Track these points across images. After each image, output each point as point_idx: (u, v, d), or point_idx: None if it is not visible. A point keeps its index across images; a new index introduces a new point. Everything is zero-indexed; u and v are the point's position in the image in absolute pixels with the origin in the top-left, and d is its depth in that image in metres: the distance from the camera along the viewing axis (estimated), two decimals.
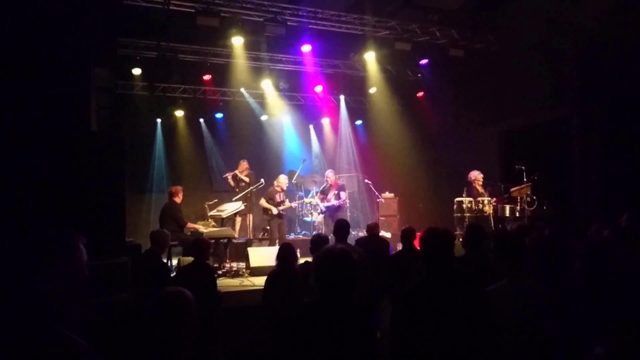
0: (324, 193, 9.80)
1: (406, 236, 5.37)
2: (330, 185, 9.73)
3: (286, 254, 4.65)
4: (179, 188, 8.25)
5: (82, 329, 1.65)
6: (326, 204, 9.59)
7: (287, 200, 9.30)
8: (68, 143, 5.38)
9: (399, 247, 9.75)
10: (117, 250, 5.49)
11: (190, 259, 5.59)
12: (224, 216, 8.52)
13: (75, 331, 1.59)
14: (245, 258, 8.14)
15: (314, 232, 10.79)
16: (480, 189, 8.84)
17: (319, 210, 10.00)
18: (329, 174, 9.84)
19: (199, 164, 12.69)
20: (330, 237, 5.85)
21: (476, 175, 8.92)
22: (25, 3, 5.45)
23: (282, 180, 9.28)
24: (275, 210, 9.01)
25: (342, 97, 13.41)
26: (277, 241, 9.03)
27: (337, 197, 9.58)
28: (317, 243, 4.80)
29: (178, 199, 8.11)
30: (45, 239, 1.67)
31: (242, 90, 12.45)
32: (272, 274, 4.69)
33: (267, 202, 9.10)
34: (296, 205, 9.53)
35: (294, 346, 2.28)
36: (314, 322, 2.25)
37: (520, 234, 4.88)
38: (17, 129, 5.10)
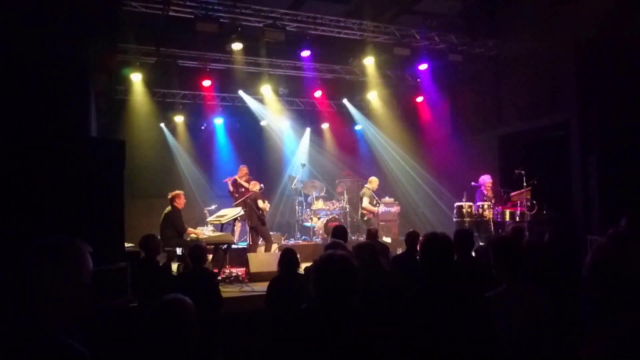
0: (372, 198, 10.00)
1: (410, 240, 5.39)
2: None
3: (288, 259, 4.64)
4: (179, 193, 8.22)
5: (83, 337, 1.64)
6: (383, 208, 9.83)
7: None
8: (67, 148, 5.35)
9: (399, 252, 9.80)
10: (115, 256, 5.45)
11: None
12: (224, 222, 8.51)
13: (77, 339, 1.59)
14: (245, 264, 8.12)
15: (315, 238, 10.79)
16: (488, 193, 8.85)
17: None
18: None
19: (198, 170, 12.69)
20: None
21: (485, 180, 8.92)
22: (24, 8, 5.45)
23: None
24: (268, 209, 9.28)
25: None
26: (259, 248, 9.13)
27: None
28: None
29: (178, 204, 8.09)
30: (52, 244, 1.66)
31: (242, 95, 12.47)
32: (275, 279, 4.67)
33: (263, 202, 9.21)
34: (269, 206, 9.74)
35: (293, 351, 2.27)
36: (313, 327, 2.24)
37: (516, 237, 4.91)
38: (16, 134, 5.09)
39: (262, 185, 9.48)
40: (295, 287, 4.38)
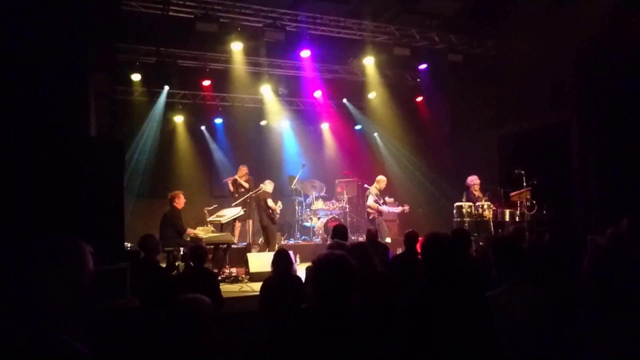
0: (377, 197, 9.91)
1: (409, 240, 5.40)
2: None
3: (282, 260, 4.60)
4: (178, 193, 8.23)
5: (83, 337, 1.64)
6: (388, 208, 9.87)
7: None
8: (66, 148, 5.36)
9: (399, 252, 9.79)
10: (115, 256, 5.45)
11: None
12: (224, 221, 8.52)
13: (78, 338, 1.59)
14: (245, 263, 8.12)
15: (314, 238, 10.79)
16: (477, 194, 8.85)
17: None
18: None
19: (198, 169, 12.68)
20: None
21: (473, 180, 8.92)
22: (24, 8, 5.45)
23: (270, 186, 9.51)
24: (278, 211, 9.28)
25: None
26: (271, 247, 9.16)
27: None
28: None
29: (178, 204, 8.09)
30: (53, 245, 1.67)
31: (242, 95, 12.45)
32: (268, 280, 4.64)
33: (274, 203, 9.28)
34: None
35: (291, 352, 2.26)
36: (311, 328, 2.23)
37: (517, 237, 4.93)
38: (15, 134, 5.09)
39: (261, 185, 9.49)
40: (289, 288, 4.34)
